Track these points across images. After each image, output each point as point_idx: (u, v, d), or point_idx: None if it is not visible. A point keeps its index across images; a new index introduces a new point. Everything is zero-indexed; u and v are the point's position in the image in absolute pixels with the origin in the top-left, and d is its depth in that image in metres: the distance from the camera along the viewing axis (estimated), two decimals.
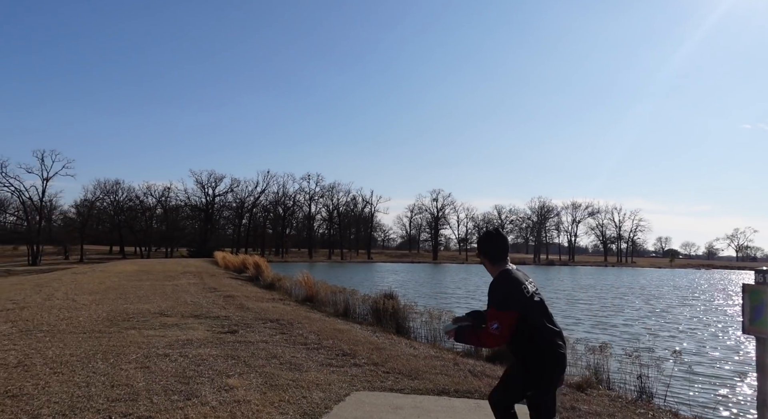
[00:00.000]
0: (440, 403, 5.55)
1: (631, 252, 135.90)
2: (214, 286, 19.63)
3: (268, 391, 5.62)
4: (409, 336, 11.02)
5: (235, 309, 12.76)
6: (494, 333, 3.34)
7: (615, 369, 8.21)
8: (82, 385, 5.62)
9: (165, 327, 9.67)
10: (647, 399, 6.84)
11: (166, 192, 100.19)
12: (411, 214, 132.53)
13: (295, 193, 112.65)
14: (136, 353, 7.29)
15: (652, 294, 33.45)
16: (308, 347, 8.25)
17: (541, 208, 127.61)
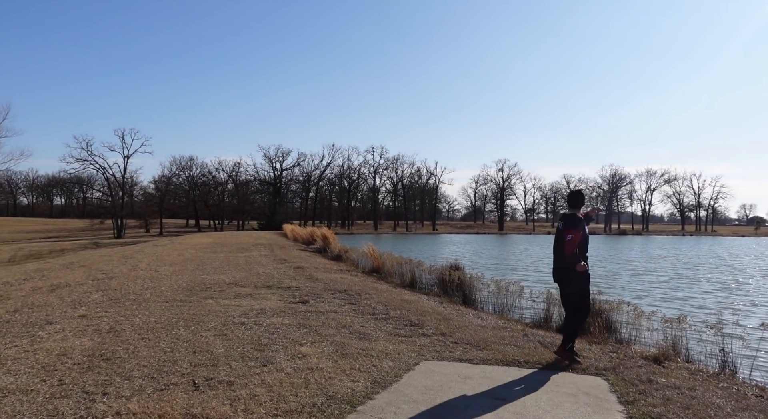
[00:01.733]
0: (510, 373, 5.52)
1: (711, 221, 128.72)
2: (284, 258, 20.25)
3: (340, 359, 5.77)
4: (476, 307, 10.97)
5: (305, 280, 13.12)
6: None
7: (694, 342, 7.86)
8: (167, 350, 5.98)
9: (240, 297, 10.10)
10: (731, 373, 6.50)
11: (236, 167, 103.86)
12: (476, 185, 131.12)
13: (359, 166, 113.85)
14: (215, 321, 7.66)
15: (730, 264, 31.61)
16: (376, 317, 8.40)
17: (612, 176, 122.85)
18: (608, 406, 4.61)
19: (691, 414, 4.41)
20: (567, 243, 5.83)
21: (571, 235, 5.80)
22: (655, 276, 23.53)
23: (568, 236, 5.83)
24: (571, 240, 5.82)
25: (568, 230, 5.88)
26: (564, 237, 5.89)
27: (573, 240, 5.83)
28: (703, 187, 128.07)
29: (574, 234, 5.81)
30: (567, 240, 5.83)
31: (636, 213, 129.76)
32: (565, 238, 5.87)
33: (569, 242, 5.82)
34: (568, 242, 5.82)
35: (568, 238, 5.82)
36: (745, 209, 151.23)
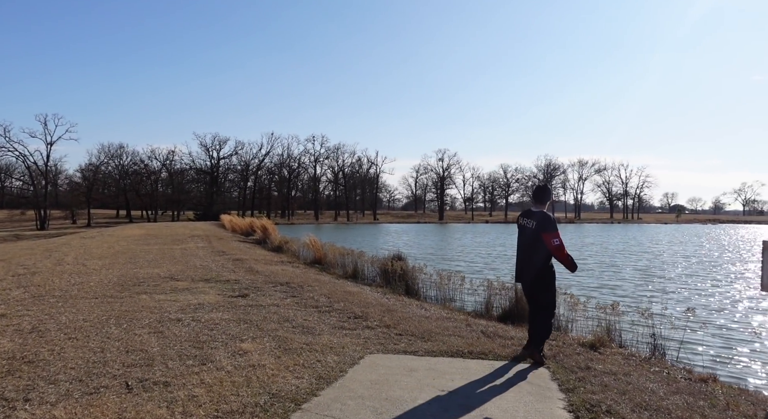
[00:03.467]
0: (454, 365, 5.55)
1: (637, 209, 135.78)
2: (222, 250, 19.71)
3: (283, 355, 5.62)
4: (419, 297, 11.04)
5: (244, 272, 12.79)
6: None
7: (627, 328, 8.21)
8: (97, 351, 5.64)
9: (176, 291, 9.70)
10: (660, 357, 6.83)
11: (170, 155, 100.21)
12: (416, 174, 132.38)
13: (299, 155, 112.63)
14: (149, 318, 7.31)
15: (652, 251, 33.44)
16: (320, 310, 8.27)
17: (547, 166, 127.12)
18: (550, 394, 4.70)
19: (627, 399, 4.56)
20: (556, 247, 5.49)
21: (557, 239, 5.49)
22: (583, 264, 24.53)
23: (554, 241, 5.49)
24: (559, 244, 5.52)
25: (547, 233, 5.52)
26: (548, 242, 5.51)
27: (562, 244, 5.56)
28: (630, 176, 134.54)
29: (558, 236, 5.52)
30: (555, 245, 5.48)
31: (569, 202, 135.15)
32: (551, 243, 5.50)
33: (559, 246, 5.50)
34: (557, 246, 5.49)
35: (556, 242, 5.49)
36: (667, 197, 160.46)
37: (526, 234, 5.76)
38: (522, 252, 5.86)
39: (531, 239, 5.67)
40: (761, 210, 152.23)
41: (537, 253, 5.64)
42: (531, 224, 5.70)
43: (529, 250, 5.71)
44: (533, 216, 5.75)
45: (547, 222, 5.57)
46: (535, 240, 5.63)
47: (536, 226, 5.63)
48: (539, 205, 5.84)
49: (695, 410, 4.42)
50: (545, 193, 5.93)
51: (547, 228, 5.53)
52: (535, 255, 5.65)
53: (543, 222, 5.59)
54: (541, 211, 5.74)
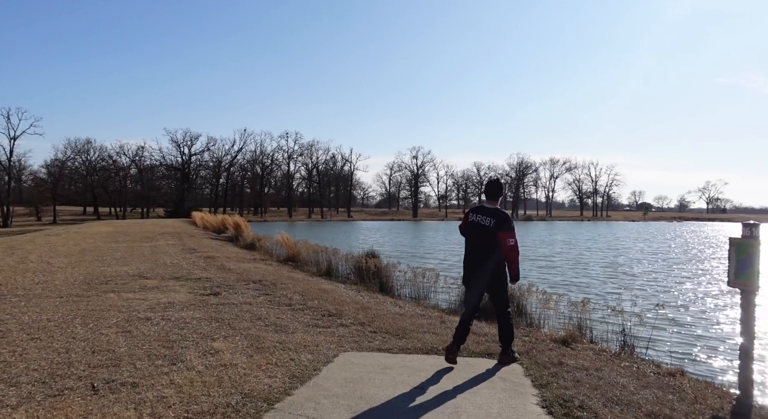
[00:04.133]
0: (429, 362, 5.54)
1: (606, 207, 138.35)
2: (193, 247, 19.39)
3: (255, 354, 5.53)
4: (394, 294, 11.02)
5: (216, 270, 12.60)
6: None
7: (597, 323, 8.33)
8: (61, 351, 5.46)
9: (145, 289, 9.49)
10: (630, 352, 6.93)
11: (140, 151, 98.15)
12: (391, 172, 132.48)
13: (273, 152, 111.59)
14: (117, 317, 7.13)
15: (625, 247, 34.11)
16: (293, 308, 8.18)
17: (519, 164, 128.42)
18: (524, 390, 4.72)
19: (599, 394, 4.61)
20: (510, 248, 5.24)
21: (513, 240, 5.25)
22: (549, 261, 24.88)
23: (509, 241, 5.23)
24: (514, 246, 5.27)
25: (504, 232, 5.25)
26: (504, 241, 5.24)
27: (516, 246, 5.31)
28: (599, 175, 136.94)
29: (514, 237, 5.29)
30: (510, 245, 5.23)
31: (540, 200, 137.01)
32: (506, 242, 5.23)
33: (513, 247, 5.26)
34: (511, 247, 5.24)
35: (511, 243, 5.23)
36: (635, 195, 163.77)
37: (482, 232, 5.38)
38: (476, 251, 5.48)
39: (487, 238, 5.33)
40: (724, 208, 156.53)
41: (494, 253, 5.33)
42: (488, 222, 5.34)
43: (485, 250, 5.37)
44: (489, 213, 5.40)
45: (506, 220, 5.30)
46: (491, 239, 5.31)
47: (494, 224, 5.29)
48: (492, 201, 5.52)
49: (665, 404, 4.49)
50: (498, 188, 5.58)
51: (504, 227, 5.26)
52: (492, 254, 5.34)
53: (501, 220, 5.30)
54: (497, 208, 5.44)
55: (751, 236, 4.98)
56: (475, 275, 5.45)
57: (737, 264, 5.06)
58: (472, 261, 5.51)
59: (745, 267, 5.00)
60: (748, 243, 4.97)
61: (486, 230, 5.33)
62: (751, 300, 4.95)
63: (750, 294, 4.96)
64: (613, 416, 4.11)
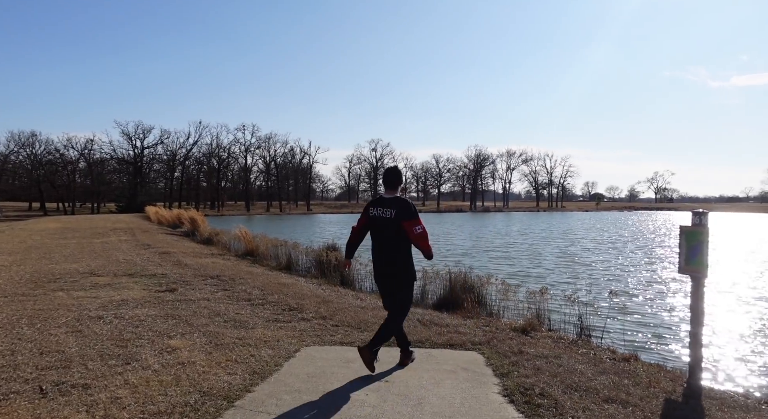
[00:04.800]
0: (392, 354, 5.51)
1: (561, 197, 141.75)
2: (147, 243, 18.85)
3: (214, 351, 5.40)
4: (355, 287, 10.98)
5: (172, 266, 12.27)
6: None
7: (554, 311, 8.51)
8: (6, 353, 5.20)
9: (96, 287, 9.16)
10: (586, 339, 7.12)
11: (89, 144, 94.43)
12: (350, 165, 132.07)
13: (229, 145, 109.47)
14: (66, 316, 6.84)
15: (578, 237, 35.05)
16: (253, 303, 8.03)
17: (477, 156, 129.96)
18: (485, 380, 4.76)
19: (559, 381, 4.70)
20: (419, 236, 4.89)
21: (419, 227, 4.88)
22: (505, 252, 25.34)
23: (416, 228, 4.87)
24: (422, 232, 4.91)
25: (408, 220, 4.87)
26: (410, 231, 4.88)
27: (425, 232, 4.95)
28: (554, 166, 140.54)
29: (420, 224, 4.91)
30: (417, 233, 4.87)
31: (498, 192, 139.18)
32: (412, 232, 4.87)
33: (421, 235, 4.91)
34: (420, 235, 4.89)
35: (418, 230, 4.88)
36: (588, 186, 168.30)
37: (384, 225, 4.98)
38: (381, 246, 5.06)
39: (391, 230, 4.94)
40: (671, 197, 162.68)
41: (400, 245, 4.97)
42: (389, 213, 4.94)
43: (391, 243, 4.98)
44: (389, 203, 4.98)
45: (408, 208, 4.90)
46: (395, 231, 4.93)
47: (396, 215, 4.90)
48: (391, 191, 5.09)
49: (621, 389, 4.61)
50: (397, 176, 5.16)
51: (408, 216, 4.88)
52: (398, 247, 4.96)
53: (403, 209, 4.90)
54: (397, 197, 5.02)
55: (700, 224, 5.15)
56: (386, 272, 5.07)
57: (687, 251, 5.23)
58: (380, 258, 5.07)
59: (695, 254, 5.17)
60: (697, 231, 5.14)
61: (389, 222, 4.94)
62: (701, 286, 5.14)
63: (699, 281, 5.14)
64: (572, 402, 4.19)
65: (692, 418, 4.05)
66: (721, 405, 4.40)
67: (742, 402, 4.62)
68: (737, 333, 9.08)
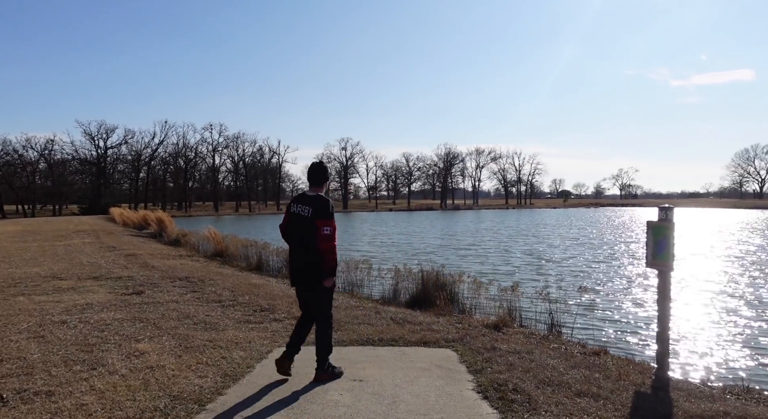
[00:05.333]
0: (365, 353, 5.50)
1: (529, 195, 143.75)
2: (112, 245, 18.39)
3: (184, 354, 5.29)
4: None
5: (138, 268, 11.99)
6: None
7: (525, 307, 8.61)
8: None
9: (59, 291, 8.88)
10: (557, 334, 7.22)
11: (49, 145, 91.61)
12: None
13: (196, 144, 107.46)
14: (28, 322, 6.62)
15: (545, 234, 35.62)
16: (223, 304, 7.90)
17: (447, 155, 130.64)
18: (459, 377, 4.78)
19: (531, 376, 4.74)
20: (325, 237, 4.51)
21: (328, 228, 4.53)
22: (473, 250, 25.59)
23: (324, 229, 4.51)
24: (330, 234, 4.53)
25: (321, 219, 4.54)
26: (319, 230, 4.52)
27: (333, 234, 4.57)
28: (522, 164, 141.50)
29: (331, 225, 4.56)
30: (324, 234, 4.50)
31: (467, 189, 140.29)
32: (320, 231, 4.51)
33: (328, 236, 4.52)
34: (326, 236, 4.51)
35: (326, 232, 4.51)
36: (555, 183, 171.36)
37: (302, 223, 4.65)
38: (299, 246, 4.72)
39: (307, 229, 4.60)
40: (635, 194, 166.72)
41: (316, 246, 4.57)
42: (306, 211, 4.63)
43: (308, 243, 4.60)
44: (308, 201, 4.68)
45: (324, 207, 4.59)
46: (311, 230, 4.57)
47: (312, 213, 4.58)
48: (316, 188, 4.80)
49: (592, 382, 4.68)
50: (321, 172, 4.85)
51: (322, 215, 4.56)
52: (314, 248, 4.57)
53: (320, 207, 4.59)
54: (318, 195, 4.72)
55: (666, 219, 5.27)
56: (300, 278, 4.72)
57: (654, 246, 5.34)
58: (295, 259, 4.76)
59: (662, 248, 5.29)
60: (663, 226, 5.25)
61: (305, 221, 4.63)
62: (667, 280, 5.26)
63: (666, 274, 5.25)
64: (545, 397, 4.24)
65: (661, 410, 4.13)
66: (688, 396, 4.50)
67: (708, 392, 4.74)
68: (700, 325, 9.34)
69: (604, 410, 4.02)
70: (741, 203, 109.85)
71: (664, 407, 4.19)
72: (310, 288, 4.69)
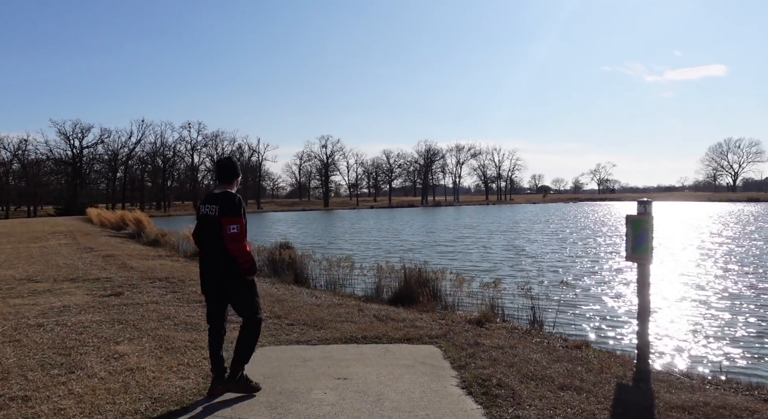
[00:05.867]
0: (349, 351, 5.48)
1: (509, 190, 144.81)
2: (90, 246, 18.07)
3: (164, 355, 5.21)
4: (309, 285, 10.86)
5: (117, 269, 11.80)
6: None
7: (508, 302, 8.66)
8: None
9: (35, 294, 8.70)
10: (539, 328, 7.27)
11: (22, 144, 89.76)
12: (300, 162, 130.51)
13: (174, 143, 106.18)
14: (2, 325, 6.47)
15: (525, 229, 35.93)
16: (204, 304, 7.77)
17: (427, 151, 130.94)
18: (443, 373, 4.78)
19: (515, 371, 4.77)
20: (231, 236, 4.11)
21: (235, 227, 4.13)
22: (453, 246, 25.72)
23: (231, 227, 4.12)
24: (237, 233, 4.14)
25: (227, 217, 4.15)
26: (225, 229, 4.13)
27: (241, 233, 4.18)
28: (502, 160, 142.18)
29: (238, 223, 4.16)
30: (231, 233, 4.11)
31: (448, 186, 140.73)
32: (226, 230, 4.12)
33: (235, 236, 4.13)
34: (233, 235, 4.12)
35: (233, 230, 4.12)
36: (535, 179, 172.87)
37: (209, 224, 4.26)
38: (207, 249, 4.33)
39: (215, 230, 4.20)
40: (613, 188, 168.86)
41: (226, 248, 4.17)
42: (213, 210, 4.24)
43: (215, 244, 4.22)
44: (215, 199, 4.30)
45: (230, 204, 4.21)
46: (219, 231, 4.18)
47: (218, 211, 4.21)
48: (225, 185, 4.41)
49: (575, 376, 4.72)
50: (230, 168, 4.48)
51: (228, 212, 4.18)
52: (223, 249, 4.18)
53: (226, 205, 4.21)
54: (226, 192, 4.34)
55: (645, 213, 5.33)
56: (210, 288, 4.33)
57: (633, 239, 5.40)
58: (204, 264, 4.36)
59: (641, 242, 5.35)
60: (643, 220, 5.31)
61: (212, 221, 4.24)
62: (647, 273, 5.32)
63: (645, 267, 5.32)
64: (529, 391, 4.26)
65: (643, 401, 4.18)
66: (669, 387, 4.56)
67: (687, 383, 4.81)
68: (679, 318, 9.50)
69: (587, 403, 4.06)
70: (715, 196, 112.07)
71: (645, 398, 4.24)
72: (226, 293, 4.28)
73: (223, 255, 4.19)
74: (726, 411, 3.93)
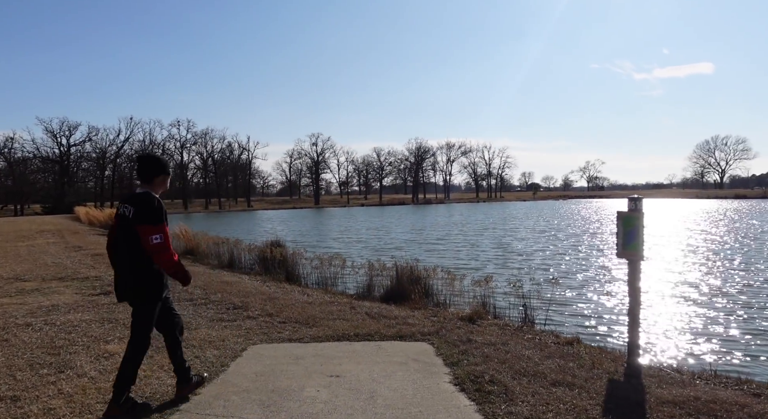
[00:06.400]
0: (341, 348, 5.47)
1: (499, 188, 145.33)
2: (78, 245, 17.91)
3: (155, 354, 5.16)
4: (301, 283, 10.82)
5: (106, 268, 11.69)
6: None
7: (499, 299, 8.69)
8: None
9: (23, 293, 8.60)
10: (531, 325, 7.29)
11: (8, 143, 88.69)
12: (290, 159, 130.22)
13: (164, 141, 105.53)
14: None
15: (515, 227, 36.08)
16: (195, 303, 7.77)
17: (418, 149, 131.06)
18: (436, 370, 4.79)
19: (507, 367, 4.78)
20: (156, 247, 3.69)
21: (158, 236, 3.69)
22: (443, 244, 25.79)
23: (153, 238, 3.67)
24: (162, 243, 3.71)
25: (143, 225, 3.69)
26: (145, 240, 3.68)
27: (166, 243, 3.75)
28: (492, 158, 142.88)
29: (161, 232, 3.72)
30: (155, 244, 3.67)
31: (439, 184, 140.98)
32: (148, 241, 3.67)
33: (160, 246, 3.70)
34: (157, 246, 3.69)
35: (156, 240, 3.68)
36: (525, 177, 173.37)
37: (124, 227, 3.79)
38: (117, 255, 3.91)
39: (125, 234, 3.77)
40: (602, 186, 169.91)
41: (132, 257, 3.76)
42: (129, 211, 3.77)
43: (122, 249, 3.81)
44: (132, 199, 3.85)
45: (148, 208, 3.73)
46: (128, 237, 3.75)
47: (133, 215, 3.73)
48: (146, 185, 3.94)
49: (567, 372, 4.74)
50: (151, 166, 3.97)
51: (144, 219, 3.70)
52: (130, 259, 3.78)
53: (141, 208, 3.73)
54: (145, 192, 3.87)
55: (636, 209, 5.36)
56: (118, 296, 3.94)
57: (624, 236, 5.43)
58: (115, 269, 3.95)
59: (632, 238, 5.38)
60: (633, 216, 5.34)
61: (126, 224, 3.78)
62: (638, 269, 5.35)
63: (636, 264, 5.35)
64: (522, 388, 4.27)
65: (634, 396, 4.20)
66: (660, 382, 4.60)
67: (678, 378, 4.84)
68: (669, 313, 9.57)
69: (579, 398, 4.07)
70: (703, 193, 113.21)
71: (637, 394, 4.27)
72: (130, 302, 3.89)
73: (129, 265, 3.79)
74: (716, 406, 3.96)
